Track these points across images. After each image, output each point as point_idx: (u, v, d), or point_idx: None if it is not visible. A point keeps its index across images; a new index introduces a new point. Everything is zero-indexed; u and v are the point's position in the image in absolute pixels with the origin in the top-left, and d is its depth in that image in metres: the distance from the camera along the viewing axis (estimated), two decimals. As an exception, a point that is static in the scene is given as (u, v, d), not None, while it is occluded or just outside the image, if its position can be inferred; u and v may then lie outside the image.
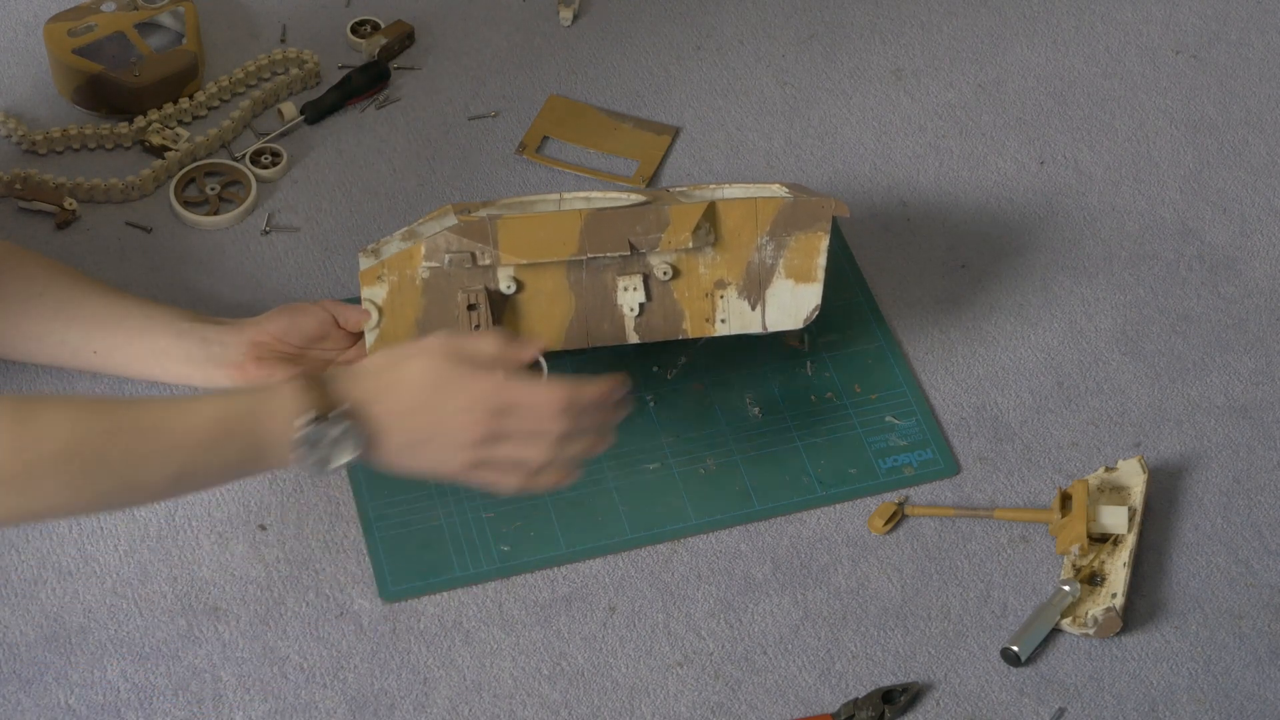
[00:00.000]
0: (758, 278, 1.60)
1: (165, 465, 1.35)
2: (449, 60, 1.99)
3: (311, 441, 1.37)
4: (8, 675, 1.51)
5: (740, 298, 1.60)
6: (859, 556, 1.62)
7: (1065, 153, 1.94)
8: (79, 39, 1.90)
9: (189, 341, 1.62)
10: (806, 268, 1.60)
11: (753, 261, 1.59)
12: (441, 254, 1.54)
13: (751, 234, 1.58)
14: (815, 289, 1.62)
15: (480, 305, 1.55)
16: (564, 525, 1.62)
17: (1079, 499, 1.60)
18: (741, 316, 1.61)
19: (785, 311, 1.62)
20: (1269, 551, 1.64)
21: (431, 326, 1.56)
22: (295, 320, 1.61)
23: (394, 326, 1.57)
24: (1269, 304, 1.82)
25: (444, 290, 1.56)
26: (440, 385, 1.41)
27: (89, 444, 1.33)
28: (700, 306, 1.60)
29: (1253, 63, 2.04)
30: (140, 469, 1.35)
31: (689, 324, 1.61)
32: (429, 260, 1.54)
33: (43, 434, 1.31)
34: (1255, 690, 1.55)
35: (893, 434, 1.69)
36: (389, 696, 1.52)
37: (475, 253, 1.54)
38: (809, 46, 2.03)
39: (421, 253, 1.54)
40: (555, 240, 1.55)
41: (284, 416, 1.37)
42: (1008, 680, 1.55)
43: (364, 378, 1.41)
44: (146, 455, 1.35)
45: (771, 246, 1.59)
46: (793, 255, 1.60)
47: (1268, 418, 1.73)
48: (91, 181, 1.83)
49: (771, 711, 1.53)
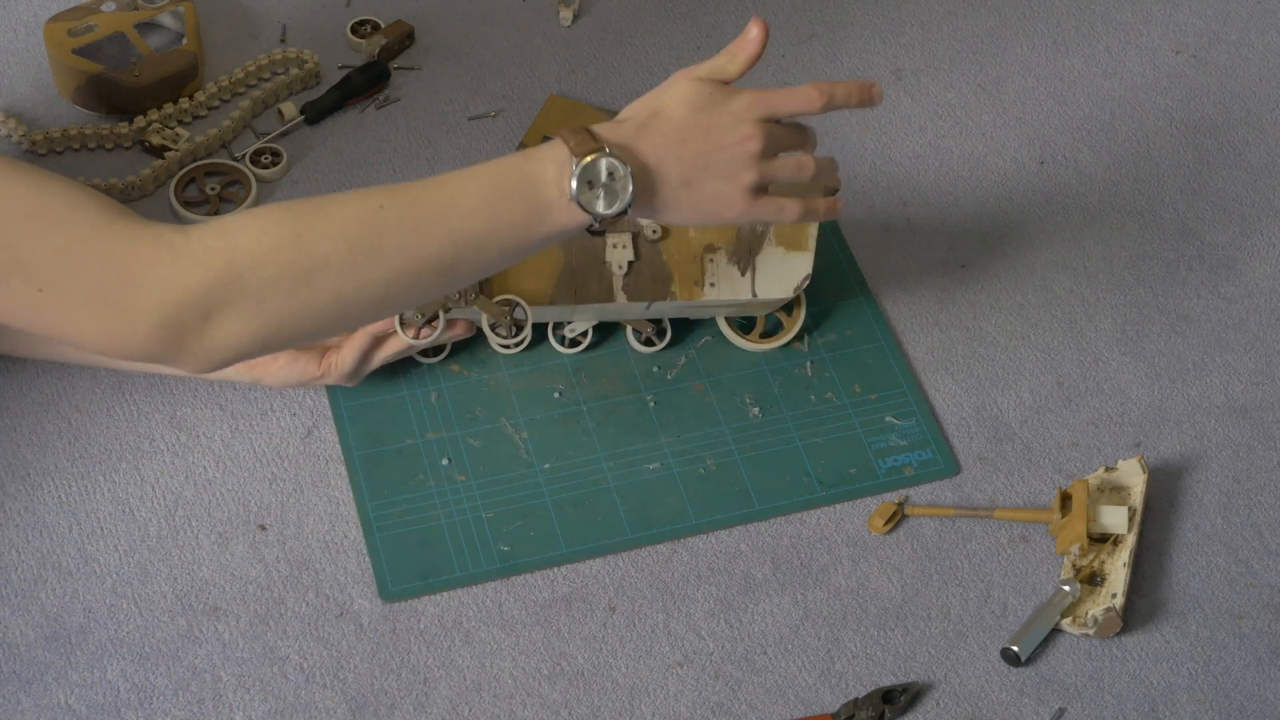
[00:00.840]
0: (748, 244, 1.60)
1: (445, 235, 1.30)
2: (449, 60, 1.99)
3: (588, 179, 1.31)
4: (8, 675, 1.51)
5: (730, 263, 1.61)
6: (859, 556, 1.62)
7: (1065, 153, 1.94)
8: (79, 39, 1.90)
9: None
10: (797, 236, 1.61)
11: (743, 227, 1.60)
12: None
13: None
14: (806, 258, 1.62)
15: None
16: (564, 525, 1.62)
17: (1079, 499, 1.60)
18: (731, 282, 1.61)
19: (775, 279, 1.62)
20: (1269, 551, 1.64)
21: None
22: None
23: None
24: (1269, 304, 1.82)
25: None
26: (703, 105, 1.35)
27: (367, 222, 1.28)
28: (689, 269, 1.60)
29: (1253, 63, 2.04)
30: (420, 243, 1.29)
31: (677, 286, 1.61)
32: None
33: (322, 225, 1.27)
34: (1255, 690, 1.55)
35: (893, 434, 1.69)
36: (389, 696, 1.52)
37: None
38: (809, 46, 2.03)
39: None
40: None
41: (557, 161, 1.32)
42: (1008, 680, 1.55)
43: (626, 123, 1.35)
44: (425, 227, 1.30)
45: None
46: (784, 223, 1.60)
47: (1268, 418, 1.73)
48: (91, 181, 1.83)
49: (771, 711, 1.53)
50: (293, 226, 1.27)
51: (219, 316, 1.27)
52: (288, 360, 1.62)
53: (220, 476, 1.64)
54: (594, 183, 1.32)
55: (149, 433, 1.66)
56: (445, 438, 1.67)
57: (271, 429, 1.67)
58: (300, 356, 1.62)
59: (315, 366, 1.63)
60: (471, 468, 1.65)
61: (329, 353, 1.63)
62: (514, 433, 1.67)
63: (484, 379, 1.70)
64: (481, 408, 1.69)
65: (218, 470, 1.64)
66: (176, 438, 1.66)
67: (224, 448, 1.65)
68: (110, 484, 1.63)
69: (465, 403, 1.69)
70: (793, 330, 1.73)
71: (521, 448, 1.67)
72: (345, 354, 1.63)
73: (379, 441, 1.66)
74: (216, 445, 1.65)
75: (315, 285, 1.28)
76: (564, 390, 1.70)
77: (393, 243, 1.28)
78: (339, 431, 1.67)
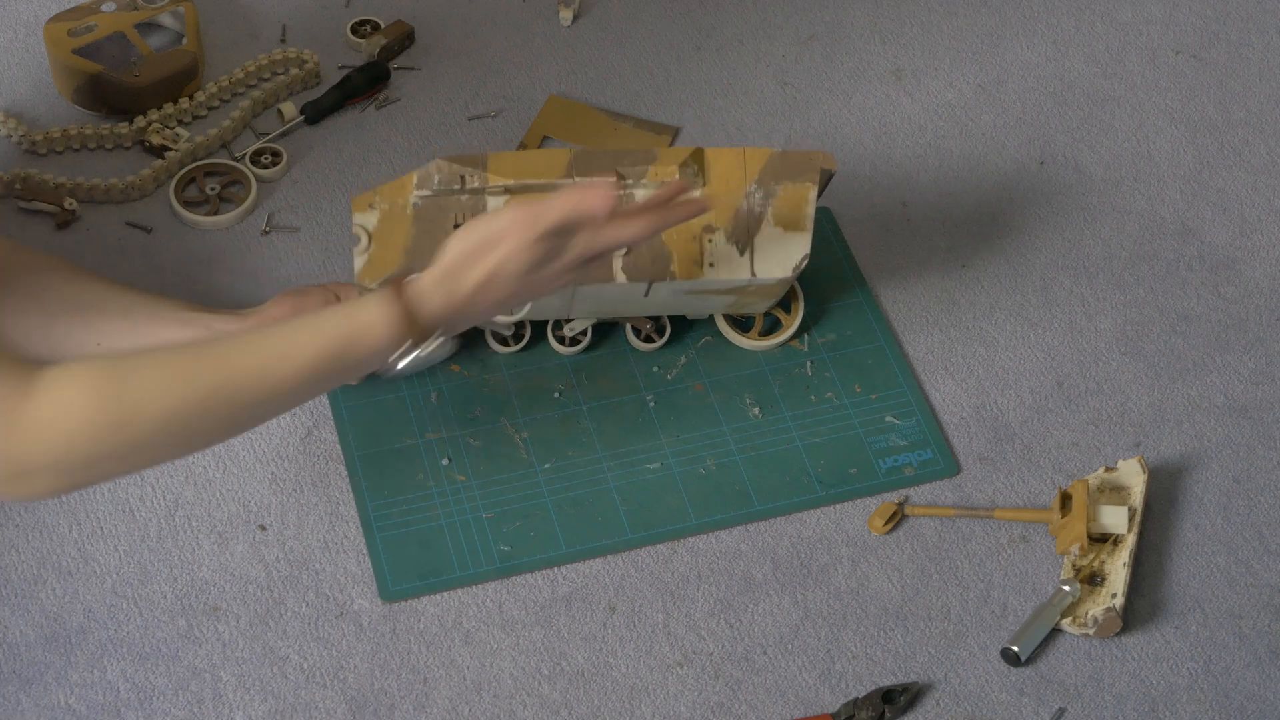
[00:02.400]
0: (746, 225, 1.61)
1: (267, 407, 1.37)
2: (449, 60, 1.99)
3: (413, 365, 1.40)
4: (8, 675, 1.51)
5: (729, 243, 1.61)
6: (859, 556, 1.62)
7: (1065, 153, 1.94)
8: (79, 39, 1.90)
9: (194, 330, 1.62)
10: (795, 217, 1.61)
11: (741, 209, 1.60)
12: (432, 179, 1.56)
13: (740, 181, 1.60)
14: (804, 238, 1.62)
15: None
16: (564, 525, 1.62)
17: (1079, 499, 1.60)
18: (729, 262, 1.61)
19: (774, 260, 1.62)
20: (1269, 551, 1.64)
21: (420, 255, 1.56)
22: (300, 303, 1.62)
23: (382, 253, 1.57)
24: (1269, 304, 1.82)
25: (434, 219, 1.57)
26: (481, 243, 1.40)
27: (190, 407, 1.34)
28: (689, 249, 1.60)
29: (1253, 63, 2.04)
30: (243, 417, 1.37)
31: (677, 266, 1.61)
32: (420, 189, 1.56)
33: (142, 405, 1.32)
34: (1255, 690, 1.55)
35: (893, 434, 1.69)
36: (389, 696, 1.52)
37: (464, 175, 1.56)
38: (809, 46, 2.03)
39: (414, 181, 1.56)
40: (544, 168, 1.58)
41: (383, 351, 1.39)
42: (1008, 680, 1.55)
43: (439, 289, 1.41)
44: (249, 404, 1.36)
45: (760, 195, 1.60)
46: (781, 204, 1.61)
47: (1268, 418, 1.73)
48: (91, 181, 1.83)
49: (771, 711, 1.53)
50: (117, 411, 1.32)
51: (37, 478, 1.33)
52: None
53: (220, 476, 1.64)
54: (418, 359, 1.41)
55: (149, 433, 1.66)
56: (445, 438, 1.67)
57: (271, 429, 1.67)
58: None
59: None
60: (471, 468, 1.65)
61: None
62: (514, 433, 1.67)
63: (484, 379, 1.70)
64: (481, 408, 1.69)
65: (218, 470, 1.64)
66: (176, 438, 1.66)
67: (224, 448, 1.65)
68: (110, 484, 1.63)
69: (465, 403, 1.69)
70: (791, 328, 1.73)
71: (521, 448, 1.67)
72: None
73: (379, 441, 1.66)
74: (217, 445, 1.65)
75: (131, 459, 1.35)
76: (564, 390, 1.70)
77: (212, 418, 1.35)
78: (339, 431, 1.67)
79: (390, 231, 1.57)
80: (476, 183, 1.56)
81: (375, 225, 1.57)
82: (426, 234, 1.57)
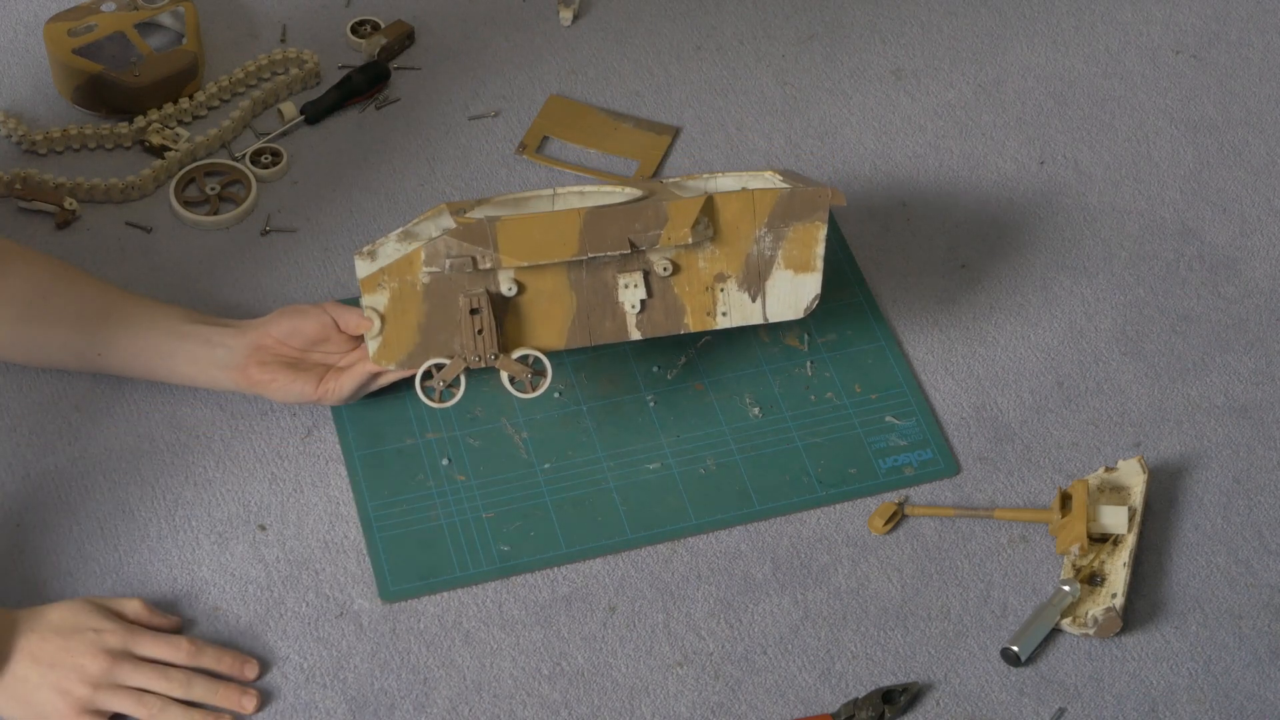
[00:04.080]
0: (757, 269, 1.60)
1: None
2: (449, 60, 1.99)
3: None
4: (8, 675, 1.51)
5: (740, 290, 1.60)
6: (859, 556, 1.62)
7: (1065, 153, 1.94)
8: (79, 39, 1.90)
9: (192, 343, 1.62)
10: (805, 257, 1.60)
11: (751, 254, 1.59)
12: (442, 259, 1.53)
13: (749, 226, 1.58)
14: (815, 278, 1.62)
15: (483, 309, 1.55)
16: (564, 525, 1.62)
17: (1079, 499, 1.60)
18: (742, 308, 1.61)
19: (785, 302, 1.62)
20: (1269, 551, 1.64)
21: (434, 330, 1.56)
22: (296, 324, 1.62)
23: (397, 332, 1.56)
24: (1269, 304, 1.82)
25: (445, 294, 1.56)
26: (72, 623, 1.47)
27: None
28: (701, 300, 1.60)
29: (1253, 63, 2.04)
30: None
31: (690, 318, 1.61)
32: (429, 265, 1.53)
33: None
34: (1255, 690, 1.55)
35: (893, 434, 1.69)
36: (389, 696, 1.52)
37: (475, 257, 1.54)
38: (809, 46, 2.03)
39: (421, 258, 1.53)
40: (555, 241, 1.55)
41: None
42: (1008, 680, 1.55)
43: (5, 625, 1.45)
44: None
45: (770, 238, 1.59)
46: (791, 246, 1.60)
47: (1268, 418, 1.73)
48: (91, 181, 1.83)
49: (771, 711, 1.53)
50: None
51: None
52: (286, 380, 1.62)
53: (220, 476, 1.64)
54: None
55: (149, 433, 1.66)
56: (445, 438, 1.67)
57: (271, 429, 1.67)
58: (299, 378, 1.62)
59: (313, 389, 1.63)
60: (471, 468, 1.65)
61: (327, 377, 1.63)
62: (514, 433, 1.67)
63: (484, 379, 1.70)
64: (481, 408, 1.69)
65: (218, 470, 1.64)
66: (176, 438, 1.66)
67: (224, 448, 1.65)
68: (110, 484, 1.63)
69: (465, 403, 1.69)
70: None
71: (521, 448, 1.67)
72: (345, 382, 1.63)
73: (379, 441, 1.66)
74: (216, 445, 1.65)
75: None
76: (564, 390, 1.70)
77: None
78: (339, 431, 1.67)
79: (402, 310, 1.55)
80: (489, 264, 1.54)
81: (386, 305, 1.55)
82: (439, 310, 1.55)
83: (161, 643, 1.48)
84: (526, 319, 1.58)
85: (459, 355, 1.56)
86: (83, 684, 1.45)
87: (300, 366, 1.62)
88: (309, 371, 1.62)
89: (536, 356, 1.59)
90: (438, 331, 1.56)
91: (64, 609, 1.48)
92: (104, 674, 1.46)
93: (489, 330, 1.55)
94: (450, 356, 1.57)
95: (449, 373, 1.57)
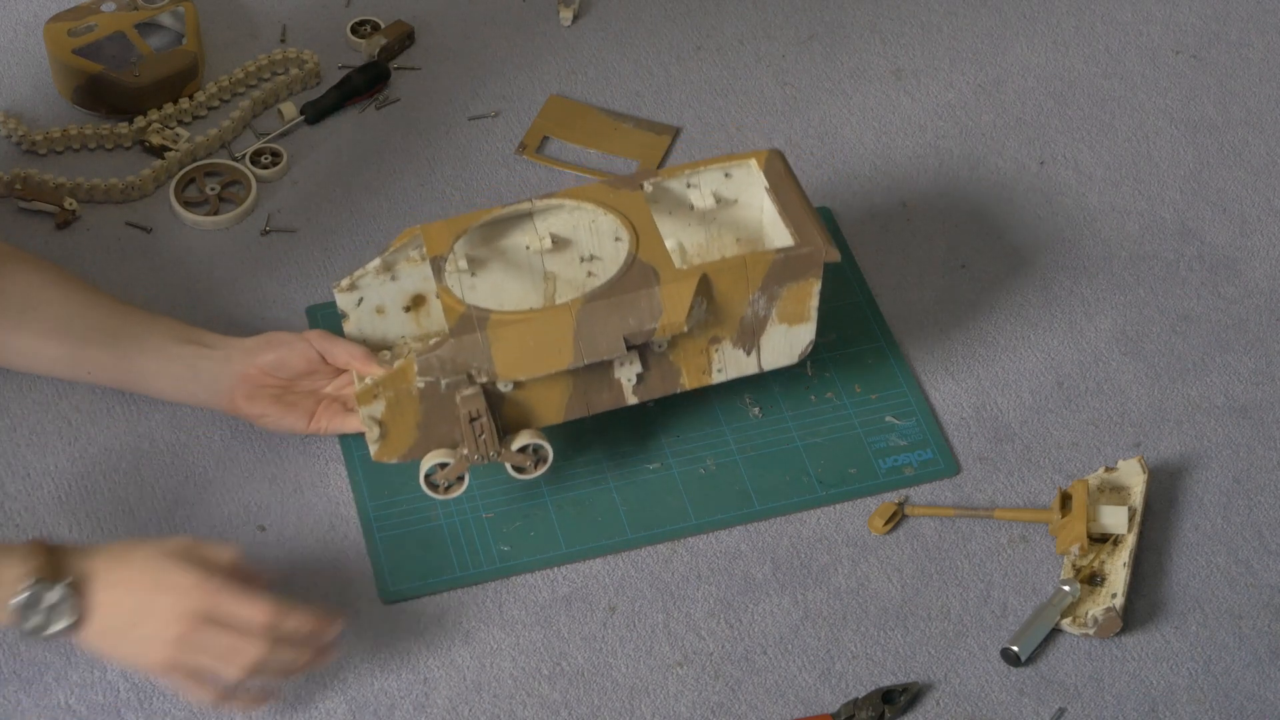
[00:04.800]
0: (751, 328, 1.59)
1: None
2: (449, 60, 1.99)
3: (29, 604, 1.38)
4: (8, 675, 1.51)
5: (735, 348, 1.60)
6: (859, 556, 1.62)
7: (1065, 153, 1.94)
8: (79, 39, 1.90)
9: (177, 366, 1.61)
10: (799, 311, 1.59)
11: (746, 315, 1.58)
12: (435, 373, 1.52)
13: (744, 293, 1.56)
14: (809, 327, 1.61)
15: (481, 416, 1.54)
16: (564, 525, 1.62)
17: (1079, 499, 1.60)
18: (738, 363, 1.61)
19: (780, 351, 1.62)
20: (1269, 551, 1.64)
21: (433, 425, 1.54)
22: (282, 358, 1.60)
23: (397, 434, 1.55)
24: (1269, 304, 1.82)
25: (442, 397, 1.54)
26: (158, 575, 1.42)
27: None
28: (697, 362, 1.59)
29: (1253, 63, 2.04)
30: None
31: (686, 379, 1.60)
32: (424, 375, 1.52)
33: None
34: (1255, 690, 1.55)
35: (893, 434, 1.69)
36: (389, 696, 1.52)
37: (471, 373, 1.53)
38: (809, 46, 2.03)
39: (415, 370, 1.51)
40: (549, 348, 1.53)
41: (8, 579, 1.39)
42: (1008, 680, 1.55)
43: (95, 556, 1.42)
44: None
45: (764, 300, 1.57)
46: (785, 303, 1.58)
47: (1268, 418, 1.73)
48: (91, 181, 1.83)
49: (771, 711, 1.53)
50: None
51: None
52: (276, 416, 1.61)
53: (220, 476, 1.64)
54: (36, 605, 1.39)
55: (149, 433, 1.66)
56: (445, 438, 1.66)
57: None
58: (289, 414, 1.61)
59: (304, 426, 1.62)
60: (471, 467, 1.64)
61: (319, 415, 1.62)
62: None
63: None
64: (481, 408, 1.69)
65: (218, 470, 1.64)
66: (176, 438, 1.66)
67: (224, 448, 1.65)
68: (110, 484, 1.63)
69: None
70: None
71: (521, 448, 1.67)
72: (337, 426, 1.63)
73: (379, 441, 1.66)
74: (216, 445, 1.65)
75: None
76: (564, 390, 1.70)
77: None
78: (339, 431, 1.67)
79: (400, 414, 1.53)
80: (484, 378, 1.53)
81: (384, 412, 1.54)
82: (436, 408, 1.53)
83: (246, 605, 1.43)
84: (525, 403, 1.56)
85: (462, 456, 1.56)
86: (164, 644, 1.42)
87: (288, 399, 1.62)
88: (298, 407, 1.62)
89: (540, 445, 1.58)
90: (436, 425, 1.55)
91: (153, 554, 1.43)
92: (184, 636, 1.42)
93: (490, 433, 1.55)
94: (450, 445, 1.56)
95: (452, 473, 1.57)
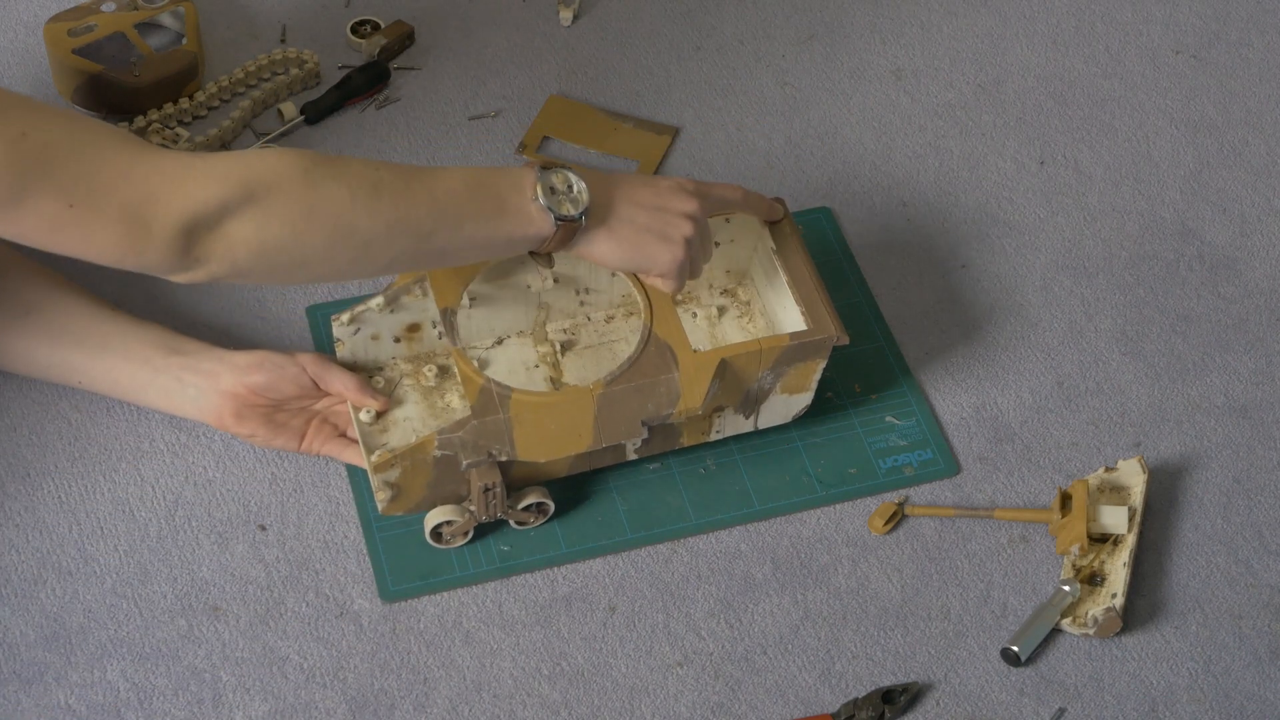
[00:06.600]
0: (755, 398, 1.60)
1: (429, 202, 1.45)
2: (449, 60, 1.99)
3: (550, 185, 1.49)
4: (8, 675, 1.51)
5: (736, 414, 1.60)
6: (859, 556, 1.62)
7: (1065, 153, 1.94)
8: (79, 39, 1.90)
9: (165, 378, 1.61)
10: (802, 384, 1.60)
11: (751, 389, 1.59)
12: (455, 449, 1.51)
13: (754, 372, 1.56)
14: (808, 395, 1.62)
15: (495, 487, 1.54)
16: (564, 525, 1.62)
17: (1079, 499, 1.60)
18: (735, 425, 1.62)
19: (776, 414, 1.63)
20: (1269, 551, 1.64)
21: (442, 484, 1.54)
22: (273, 382, 1.59)
23: (408, 494, 1.55)
24: (1269, 304, 1.82)
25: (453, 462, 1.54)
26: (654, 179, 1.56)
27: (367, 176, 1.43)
28: (698, 424, 1.60)
29: (1253, 63, 2.04)
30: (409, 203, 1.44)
31: (685, 438, 1.61)
32: (443, 450, 1.52)
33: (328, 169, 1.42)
34: (1255, 690, 1.55)
35: (893, 434, 1.69)
36: (389, 696, 1.52)
37: (492, 451, 1.53)
38: (809, 46, 2.03)
39: (435, 444, 1.51)
40: (570, 432, 1.53)
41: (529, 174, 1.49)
42: (1008, 680, 1.55)
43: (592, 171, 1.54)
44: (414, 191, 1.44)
45: (771, 376, 1.58)
46: (790, 378, 1.59)
47: (1268, 418, 1.73)
48: (91, 181, 1.82)
49: (771, 711, 1.53)
50: (302, 164, 1.41)
51: (228, 224, 1.38)
52: (266, 436, 1.61)
53: (220, 476, 1.64)
54: (556, 190, 1.50)
55: (149, 433, 1.66)
56: (445, 438, 1.66)
57: (271, 429, 1.67)
58: (279, 435, 1.61)
59: (295, 446, 1.63)
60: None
61: (311, 438, 1.62)
62: (514, 433, 1.67)
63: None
64: (481, 408, 1.69)
65: (218, 470, 1.64)
66: (176, 438, 1.66)
67: (224, 448, 1.65)
68: (110, 484, 1.63)
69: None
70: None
71: (521, 448, 1.66)
72: (328, 451, 1.63)
73: (379, 441, 1.66)
74: (216, 445, 1.65)
75: (313, 218, 1.41)
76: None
77: (386, 197, 1.43)
78: (339, 431, 1.67)
79: (412, 477, 1.54)
80: (504, 458, 1.53)
81: (399, 477, 1.53)
82: (446, 472, 1.54)
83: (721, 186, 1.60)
84: (533, 464, 1.57)
85: (470, 514, 1.56)
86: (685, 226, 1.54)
87: (278, 420, 1.61)
88: (288, 427, 1.62)
89: (543, 501, 1.58)
90: (445, 484, 1.55)
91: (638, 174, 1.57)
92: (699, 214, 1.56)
93: (500, 498, 1.55)
94: (456, 501, 1.56)
95: (459, 529, 1.57)
